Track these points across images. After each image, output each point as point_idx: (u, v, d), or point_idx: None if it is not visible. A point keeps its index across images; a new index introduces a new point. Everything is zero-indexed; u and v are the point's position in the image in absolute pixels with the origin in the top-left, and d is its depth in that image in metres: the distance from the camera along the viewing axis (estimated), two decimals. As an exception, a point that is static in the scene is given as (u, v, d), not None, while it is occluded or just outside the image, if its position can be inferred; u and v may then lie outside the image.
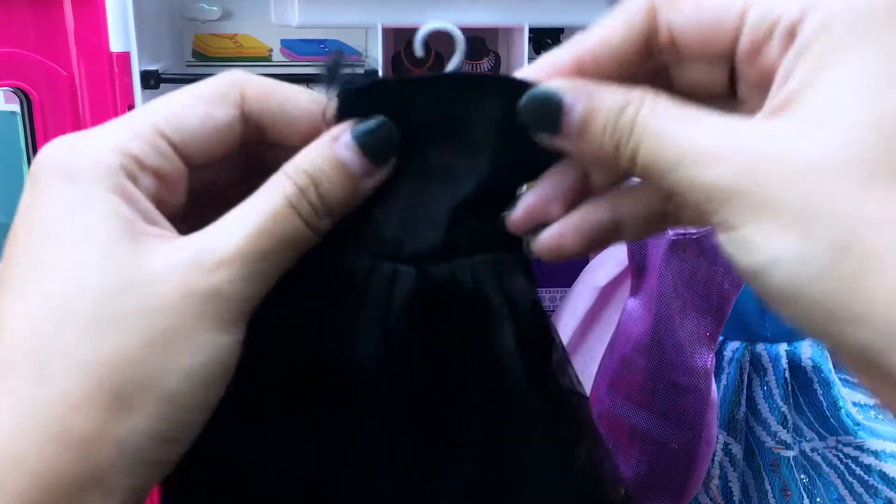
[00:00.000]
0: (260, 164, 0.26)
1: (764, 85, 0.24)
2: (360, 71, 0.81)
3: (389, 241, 0.25)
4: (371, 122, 0.24)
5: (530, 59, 0.74)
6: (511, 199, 0.27)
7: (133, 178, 0.22)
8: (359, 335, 0.25)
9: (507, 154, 0.26)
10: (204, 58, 0.89)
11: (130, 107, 0.77)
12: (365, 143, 0.24)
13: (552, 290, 0.88)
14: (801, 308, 0.21)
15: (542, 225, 0.26)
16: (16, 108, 1.11)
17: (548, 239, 0.26)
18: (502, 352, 0.26)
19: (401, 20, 0.73)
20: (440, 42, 0.99)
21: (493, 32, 0.88)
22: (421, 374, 0.26)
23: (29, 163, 0.78)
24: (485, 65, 0.87)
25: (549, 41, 0.81)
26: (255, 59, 0.89)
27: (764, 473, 0.68)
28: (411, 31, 0.87)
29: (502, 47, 0.88)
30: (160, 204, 0.24)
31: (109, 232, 0.22)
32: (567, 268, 0.81)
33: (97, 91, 0.76)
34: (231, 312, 0.22)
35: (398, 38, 0.87)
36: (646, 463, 0.65)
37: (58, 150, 0.23)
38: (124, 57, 0.76)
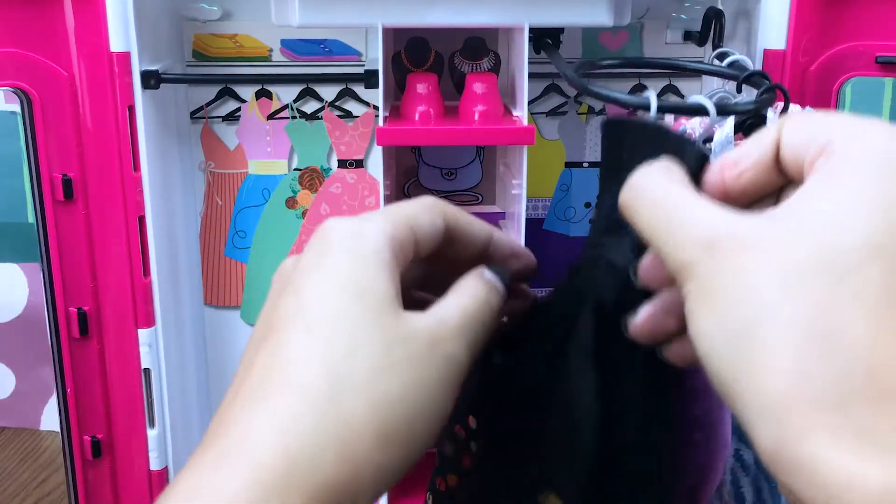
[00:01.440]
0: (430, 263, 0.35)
1: None
2: (361, 70, 0.81)
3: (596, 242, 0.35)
4: (498, 268, 0.34)
5: (530, 59, 0.74)
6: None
7: (395, 258, 0.30)
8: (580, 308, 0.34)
9: None
10: (204, 58, 0.89)
11: (131, 107, 0.77)
12: (497, 278, 0.33)
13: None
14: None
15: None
16: (16, 108, 1.11)
17: (675, 351, 0.31)
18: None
19: (401, 20, 0.73)
20: (440, 42, 0.99)
21: (493, 32, 0.88)
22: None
23: (29, 163, 0.78)
24: (484, 64, 0.87)
25: (549, 41, 0.81)
26: (255, 58, 0.89)
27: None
28: (411, 31, 0.88)
29: (502, 47, 0.88)
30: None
31: (384, 297, 0.29)
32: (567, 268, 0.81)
33: (97, 91, 0.76)
34: (457, 375, 0.30)
35: (398, 38, 0.87)
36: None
37: (345, 224, 0.30)
38: (124, 57, 0.76)
